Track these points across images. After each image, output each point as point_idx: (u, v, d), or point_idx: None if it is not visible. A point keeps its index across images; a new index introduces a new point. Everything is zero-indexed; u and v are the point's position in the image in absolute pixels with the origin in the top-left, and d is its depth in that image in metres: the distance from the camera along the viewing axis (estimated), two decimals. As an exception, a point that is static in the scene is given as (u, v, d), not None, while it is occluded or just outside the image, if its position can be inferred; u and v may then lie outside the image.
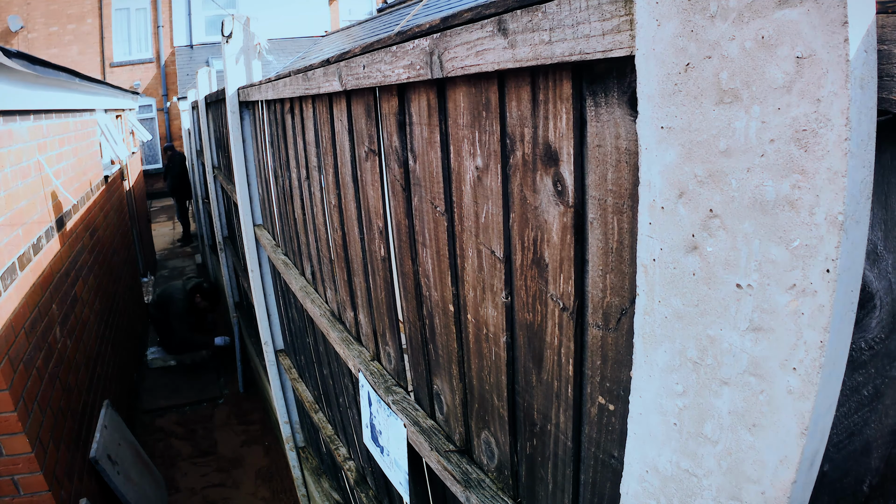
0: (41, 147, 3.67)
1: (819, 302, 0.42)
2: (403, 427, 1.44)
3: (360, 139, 1.50)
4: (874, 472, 0.63)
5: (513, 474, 1.05)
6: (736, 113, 0.45)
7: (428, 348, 1.32)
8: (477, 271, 1.02)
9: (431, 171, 1.11)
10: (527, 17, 0.69)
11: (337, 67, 1.44)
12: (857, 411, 0.60)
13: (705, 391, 0.52)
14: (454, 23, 0.86)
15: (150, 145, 15.66)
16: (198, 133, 7.70)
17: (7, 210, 2.86)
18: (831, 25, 0.38)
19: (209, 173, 6.03)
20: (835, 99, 0.39)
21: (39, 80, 3.65)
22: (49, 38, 14.40)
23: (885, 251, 0.55)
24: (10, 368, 2.57)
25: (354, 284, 1.81)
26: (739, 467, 0.50)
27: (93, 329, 4.30)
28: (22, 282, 2.92)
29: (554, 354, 0.85)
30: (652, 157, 0.53)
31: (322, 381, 2.70)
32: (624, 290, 0.69)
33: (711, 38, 0.46)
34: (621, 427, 0.74)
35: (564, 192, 0.75)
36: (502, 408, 1.03)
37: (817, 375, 0.43)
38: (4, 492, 2.67)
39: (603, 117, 0.67)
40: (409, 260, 1.32)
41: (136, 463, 3.92)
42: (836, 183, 0.40)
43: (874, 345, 0.58)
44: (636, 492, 0.62)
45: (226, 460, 4.80)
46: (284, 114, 2.33)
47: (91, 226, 4.89)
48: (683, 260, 0.52)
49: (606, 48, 0.58)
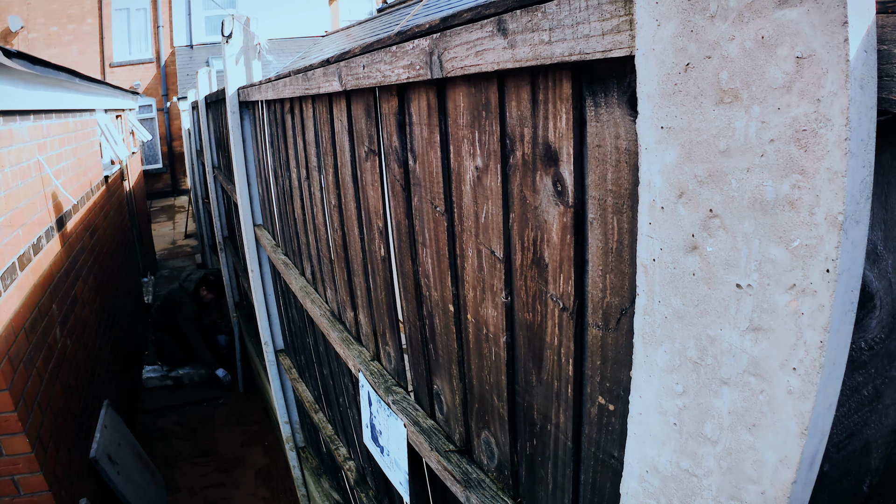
0: (41, 147, 3.66)
1: (819, 302, 0.42)
2: (403, 427, 1.44)
3: (360, 139, 1.50)
4: (874, 472, 0.63)
5: (513, 474, 1.05)
6: (736, 113, 0.45)
7: (428, 348, 1.32)
8: (477, 271, 1.02)
9: (431, 171, 1.11)
10: (526, 18, 0.69)
11: (337, 67, 1.44)
12: (857, 411, 0.60)
13: (705, 391, 0.52)
14: (454, 23, 0.86)
15: (150, 145, 15.66)
16: (198, 133, 7.71)
17: (7, 210, 2.85)
18: (831, 25, 0.38)
19: (209, 173, 6.04)
20: (835, 99, 0.39)
21: (39, 79, 3.65)
22: (49, 38, 14.40)
23: (884, 251, 0.55)
24: (10, 368, 2.57)
25: (354, 284, 1.81)
26: (739, 467, 0.50)
27: (93, 329, 4.30)
28: (22, 282, 2.92)
29: (554, 354, 0.85)
30: (652, 156, 0.53)
31: (322, 381, 2.70)
32: (624, 290, 0.69)
33: (711, 38, 0.46)
34: (621, 427, 0.74)
35: (564, 192, 0.75)
36: (502, 408, 1.03)
37: (817, 375, 0.43)
38: (4, 492, 2.67)
39: (603, 117, 0.67)
40: (409, 260, 1.32)
41: (136, 463, 3.92)
42: (836, 183, 0.40)
43: (874, 345, 0.58)
44: (636, 492, 0.62)
45: (226, 460, 4.80)
46: (284, 114, 2.33)
47: (91, 226, 4.89)
48: (683, 260, 0.52)
49: (606, 48, 0.58)
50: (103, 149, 6.13)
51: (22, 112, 3.33)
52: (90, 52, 14.84)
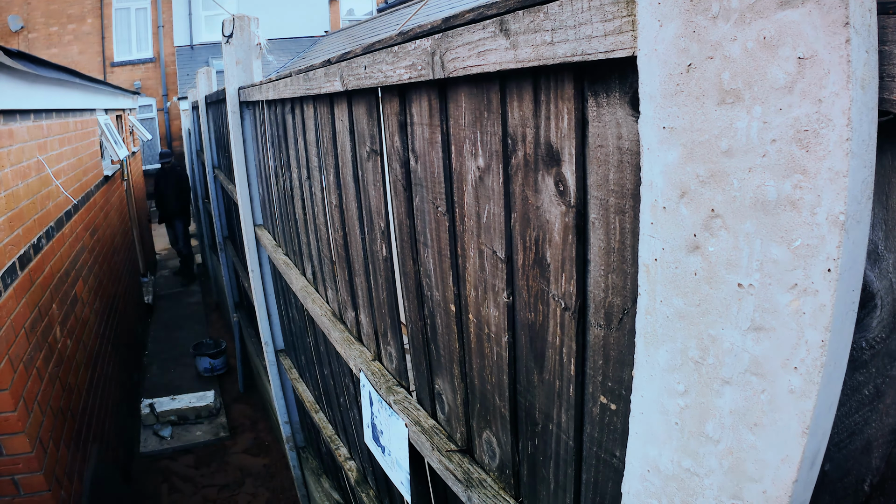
0: (41, 147, 3.67)
1: (820, 301, 0.42)
2: (405, 427, 1.45)
3: (361, 139, 1.50)
4: (875, 472, 0.63)
5: (514, 474, 1.06)
6: (738, 113, 0.45)
7: (429, 348, 1.32)
8: (479, 271, 1.02)
9: (433, 172, 1.12)
10: (529, 18, 0.69)
11: (338, 68, 1.44)
12: (858, 410, 0.60)
13: (707, 391, 0.52)
14: (456, 23, 0.86)
15: (150, 145, 15.65)
16: (198, 133, 7.70)
17: (7, 210, 2.85)
18: (833, 26, 0.38)
19: (209, 173, 6.04)
20: (836, 99, 0.39)
21: (40, 79, 3.65)
22: (49, 37, 14.39)
23: (885, 251, 0.55)
24: (10, 368, 2.57)
25: (356, 284, 1.82)
26: (741, 466, 0.50)
27: (93, 329, 4.30)
28: (22, 282, 2.92)
29: (556, 354, 0.85)
30: (654, 157, 0.53)
31: (322, 381, 2.70)
32: (626, 290, 0.69)
33: (713, 39, 0.46)
34: (623, 426, 0.74)
35: (566, 192, 0.76)
36: (504, 407, 1.03)
37: (819, 375, 0.43)
38: (4, 492, 2.67)
39: (605, 117, 0.68)
40: (410, 260, 1.32)
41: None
42: (838, 183, 0.40)
43: (875, 344, 0.58)
44: (638, 491, 0.62)
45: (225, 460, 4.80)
46: (285, 114, 2.33)
47: (91, 226, 4.89)
48: (685, 260, 0.52)
49: (608, 49, 0.59)
50: (103, 148, 6.13)
51: (22, 112, 3.33)
52: (90, 52, 14.83)
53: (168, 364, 6.39)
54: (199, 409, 5.28)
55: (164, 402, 5.33)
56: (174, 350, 6.67)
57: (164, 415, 5.20)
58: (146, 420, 5.17)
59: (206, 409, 5.30)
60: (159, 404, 5.28)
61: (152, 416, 5.18)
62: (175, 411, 5.23)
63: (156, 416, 5.19)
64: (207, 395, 5.44)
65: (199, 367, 6.08)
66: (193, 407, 5.27)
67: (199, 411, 5.29)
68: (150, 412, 5.18)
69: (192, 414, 5.27)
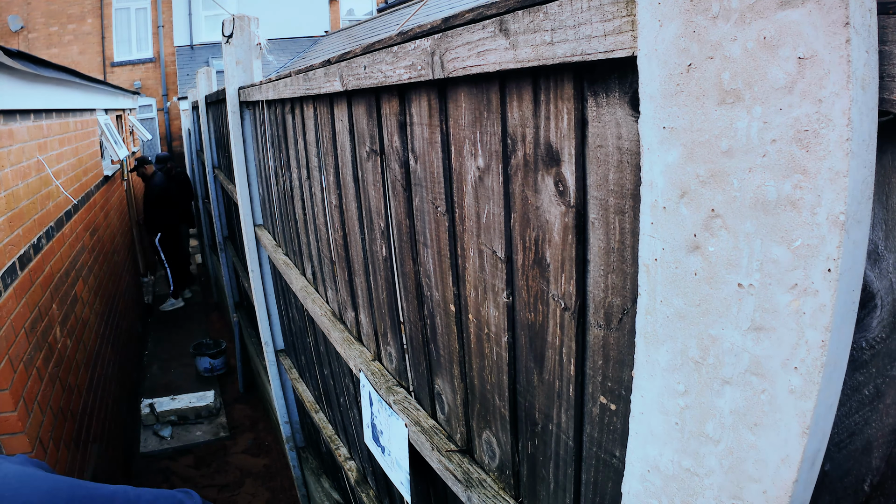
0: (41, 147, 3.67)
1: (820, 301, 0.42)
2: (405, 427, 1.45)
3: (361, 139, 1.50)
4: (875, 472, 0.63)
5: (514, 474, 1.06)
6: (738, 113, 0.45)
7: (429, 348, 1.32)
8: (478, 271, 1.02)
9: (433, 172, 1.12)
10: (528, 18, 0.69)
11: (338, 68, 1.44)
12: (858, 411, 0.60)
13: (707, 391, 0.52)
14: (455, 23, 0.86)
15: (151, 145, 15.65)
16: (198, 133, 7.70)
17: (7, 210, 2.85)
18: (833, 26, 0.38)
19: (209, 173, 6.04)
20: (836, 99, 0.39)
21: (40, 79, 3.65)
22: (49, 37, 14.39)
23: (885, 251, 0.55)
24: (10, 368, 2.57)
25: (355, 284, 1.82)
26: (741, 466, 0.50)
27: (93, 329, 4.30)
28: (22, 282, 2.92)
29: (555, 354, 0.85)
30: (654, 157, 0.53)
31: (322, 381, 2.70)
32: (625, 290, 0.69)
33: (713, 39, 0.46)
34: (623, 426, 0.74)
35: (566, 193, 0.76)
36: (504, 407, 1.03)
37: (819, 375, 0.43)
38: (5, 492, 2.66)
39: (604, 117, 0.68)
40: (410, 260, 1.32)
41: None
42: (838, 183, 0.40)
43: (875, 344, 0.58)
44: (638, 491, 0.62)
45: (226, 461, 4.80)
46: (285, 114, 2.33)
47: (91, 226, 4.89)
48: (685, 260, 0.52)
49: (608, 49, 0.59)
50: (103, 148, 6.13)
51: (22, 112, 3.33)
52: (90, 52, 14.83)
53: (168, 364, 6.39)
54: (199, 409, 5.28)
55: (164, 402, 5.33)
56: (174, 350, 6.67)
57: (164, 415, 5.20)
58: (146, 420, 5.17)
59: (206, 409, 5.29)
60: (159, 404, 5.28)
61: (152, 416, 5.18)
62: (175, 411, 5.23)
63: (156, 416, 5.19)
64: (207, 395, 5.43)
65: (199, 367, 6.08)
66: (193, 407, 5.27)
67: (199, 411, 5.29)
68: (150, 412, 5.18)
69: (192, 414, 5.27)
